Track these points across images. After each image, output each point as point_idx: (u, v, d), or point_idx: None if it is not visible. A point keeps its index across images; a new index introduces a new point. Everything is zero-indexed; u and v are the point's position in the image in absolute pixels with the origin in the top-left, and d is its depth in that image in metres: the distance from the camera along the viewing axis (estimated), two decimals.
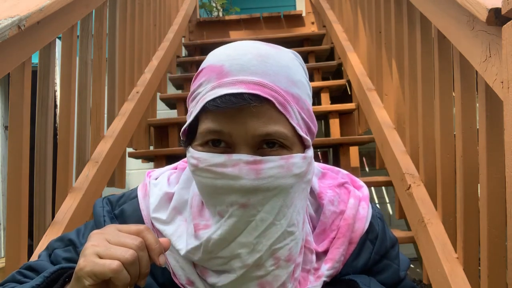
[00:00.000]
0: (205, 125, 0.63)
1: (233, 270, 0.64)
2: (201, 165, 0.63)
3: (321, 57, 3.53)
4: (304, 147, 0.66)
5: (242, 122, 0.60)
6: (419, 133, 1.70)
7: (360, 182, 0.79)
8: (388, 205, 3.75)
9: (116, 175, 2.17)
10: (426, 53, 1.65)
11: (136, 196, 0.76)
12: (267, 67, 0.62)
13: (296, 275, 0.67)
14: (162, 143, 2.81)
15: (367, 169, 3.77)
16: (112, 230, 0.60)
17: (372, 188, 3.68)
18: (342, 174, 0.79)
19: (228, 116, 0.61)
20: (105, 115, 2.12)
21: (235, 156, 0.61)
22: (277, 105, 0.61)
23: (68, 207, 1.65)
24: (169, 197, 0.73)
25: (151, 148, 2.80)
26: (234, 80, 0.61)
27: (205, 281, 0.68)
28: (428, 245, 1.52)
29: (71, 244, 0.75)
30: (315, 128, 0.68)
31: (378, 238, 0.76)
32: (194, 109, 0.64)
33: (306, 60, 3.47)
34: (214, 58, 0.65)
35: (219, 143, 0.63)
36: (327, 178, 0.78)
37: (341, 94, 3.10)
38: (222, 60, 0.64)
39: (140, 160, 2.81)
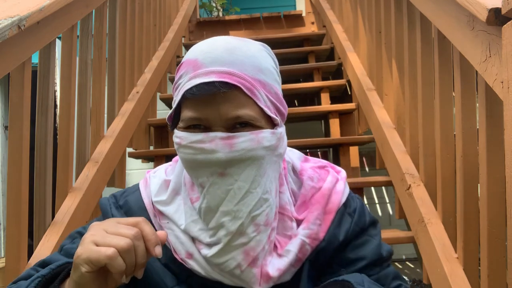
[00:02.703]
0: (186, 114, 0.73)
1: (220, 239, 0.73)
2: (183, 142, 0.73)
3: (321, 57, 3.53)
4: (274, 125, 0.76)
5: (216, 107, 0.70)
6: (419, 133, 1.70)
7: (339, 168, 0.89)
8: (388, 205, 3.75)
9: (116, 175, 2.17)
10: (426, 53, 1.65)
11: (138, 189, 0.84)
12: (235, 58, 0.72)
13: (271, 238, 0.76)
14: (162, 143, 2.81)
15: (367, 169, 3.77)
16: (111, 222, 0.65)
17: (372, 188, 3.69)
18: (324, 161, 0.89)
19: (204, 102, 0.71)
20: (105, 115, 2.12)
21: (211, 134, 0.71)
22: (245, 90, 0.71)
23: (68, 207, 1.65)
24: (167, 183, 0.82)
25: (151, 148, 2.80)
26: (206, 71, 0.71)
27: (200, 253, 0.76)
28: (428, 245, 1.52)
29: (79, 236, 0.82)
30: (284, 110, 0.79)
31: (356, 211, 0.83)
32: (176, 97, 0.75)
33: (306, 60, 3.47)
34: (190, 53, 0.76)
35: (199, 126, 0.73)
36: (309, 162, 0.87)
37: (341, 94, 3.10)
38: (197, 54, 0.74)
39: (140, 160, 2.81)
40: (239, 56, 0.72)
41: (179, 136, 0.74)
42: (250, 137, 0.71)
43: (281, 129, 0.76)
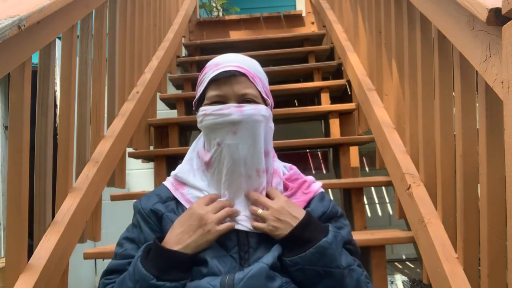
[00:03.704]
0: (211, 93, 1.06)
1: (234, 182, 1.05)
2: (208, 111, 1.05)
3: (321, 57, 3.53)
4: (266, 105, 1.10)
5: (231, 86, 1.05)
6: (419, 133, 1.70)
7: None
8: (388, 205, 3.74)
9: (116, 175, 2.17)
10: (426, 53, 1.65)
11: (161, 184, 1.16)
12: (242, 60, 1.09)
13: (264, 184, 1.07)
14: (162, 143, 2.81)
15: (367, 169, 3.77)
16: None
17: (372, 188, 3.68)
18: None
19: (223, 83, 1.05)
20: (105, 115, 2.12)
21: (227, 104, 1.04)
22: (249, 78, 1.06)
23: (68, 207, 1.65)
24: (186, 165, 1.14)
25: (151, 148, 2.80)
26: (225, 65, 1.07)
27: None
28: (428, 245, 1.52)
29: (125, 240, 1.08)
30: (272, 101, 1.13)
31: (331, 202, 1.12)
32: (201, 86, 1.09)
33: (306, 60, 3.47)
34: (211, 61, 1.12)
35: (219, 103, 1.05)
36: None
37: (341, 94, 3.10)
38: (216, 60, 1.11)
39: (140, 160, 2.81)
40: (245, 60, 1.10)
41: (205, 109, 1.06)
42: (253, 107, 1.04)
43: (270, 111, 1.10)
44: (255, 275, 0.93)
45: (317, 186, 1.14)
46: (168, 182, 1.12)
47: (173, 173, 1.13)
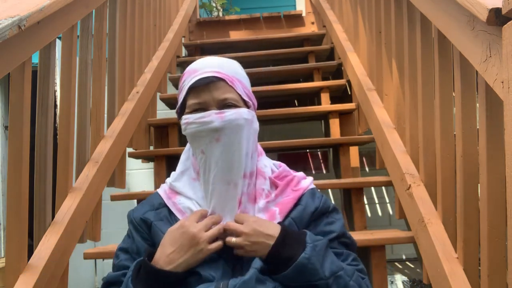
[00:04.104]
0: (191, 101, 1.06)
1: (214, 186, 1.04)
2: (190, 120, 1.04)
3: (321, 57, 3.53)
4: (248, 107, 1.08)
5: (210, 93, 1.04)
6: (419, 133, 1.70)
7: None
8: (388, 205, 3.74)
9: (116, 175, 2.17)
10: (426, 53, 1.65)
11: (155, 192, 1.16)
12: (220, 64, 1.07)
13: (249, 190, 1.07)
14: (162, 143, 2.81)
15: (367, 169, 3.77)
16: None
17: (372, 188, 3.68)
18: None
19: (202, 90, 1.04)
20: (105, 115, 2.12)
21: (208, 111, 1.03)
22: (228, 82, 1.05)
23: (68, 207, 1.65)
24: (180, 172, 1.14)
25: (151, 148, 2.80)
26: (203, 71, 1.05)
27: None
28: (428, 245, 1.52)
29: (120, 251, 1.09)
30: (255, 101, 1.12)
31: (322, 197, 1.11)
32: (182, 93, 1.08)
33: (306, 60, 3.47)
34: (189, 66, 1.10)
35: (200, 111, 1.04)
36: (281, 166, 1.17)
37: (341, 94, 3.10)
38: (195, 65, 1.09)
39: (140, 160, 2.81)
40: (223, 64, 1.08)
41: (187, 117, 1.05)
42: (234, 111, 1.03)
43: (253, 112, 1.09)
44: (248, 280, 0.93)
45: (307, 182, 1.12)
46: (162, 190, 1.13)
47: (168, 180, 1.13)
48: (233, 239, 0.99)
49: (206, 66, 1.05)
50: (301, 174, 1.15)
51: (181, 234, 0.99)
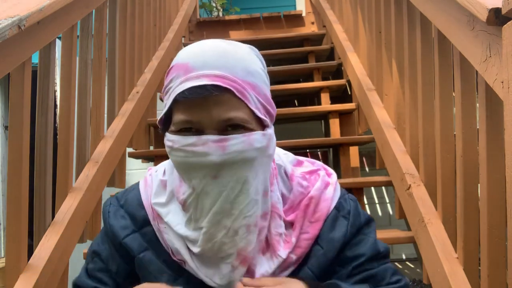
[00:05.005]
0: (178, 117, 0.72)
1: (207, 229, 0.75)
2: (176, 145, 0.73)
3: (321, 57, 3.53)
4: (263, 127, 0.76)
5: (208, 110, 0.70)
6: (419, 133, 1.70)
7: (330, 170, 0.89)
8: (388, 205, 3.74)
9: (116, 175, 2.17)
10: (426, 53, 1.65)
11: (137, 188, 0.88)
12: (225, 61, 0.72)
13: (261, 237, 0.78)
14: (162, 143, 2.79)
15: (367, 169, 3.77)
16: None
17: (372, 188, 3.69)
18: (317, 164, 0.89)
19: (195, 106, 0.70)
20: (105, 115, 2.12)
21: (203, 137, 0.71)
22: (236, 93, 0.71)
23: (68, 207, 1.65)
24: (164, 184, 0.83)
25: (151, 148, 2.80)
26: (198, 74, 0.70)
27: (193, 253, 0.78)
28: (428, 245, 1.52)
29: (96, 255, 0.87)
30: (273, 111, 0.79)
31: (351, 213, 0.84)
32: (167, 101, 0.74)
33: (306, 60, 3.47)
34: (180, 57, 0.75)
35: (191, 129, 0.72)
36: (302, 166, 0.88)
37: (341, 94, 3.10)
38: (187, 58, 0.73)
39: (140, 160, 2.81)
40: (229, 59, 0.72)
41: (171, 140, 0.74)
42: (242, 139, 0.71)
43: (271, 130, 0.77)
44: None
45: (327, 202, 0.82)
46: (148, 205, 0.83)
47: (151, 199, 0.83)
48: None
49: (205, 63, 0.71)
50: (319, 184, 0.84)
51: None
